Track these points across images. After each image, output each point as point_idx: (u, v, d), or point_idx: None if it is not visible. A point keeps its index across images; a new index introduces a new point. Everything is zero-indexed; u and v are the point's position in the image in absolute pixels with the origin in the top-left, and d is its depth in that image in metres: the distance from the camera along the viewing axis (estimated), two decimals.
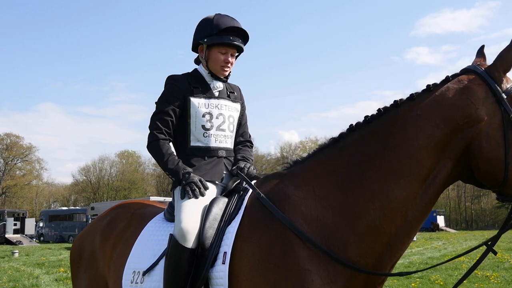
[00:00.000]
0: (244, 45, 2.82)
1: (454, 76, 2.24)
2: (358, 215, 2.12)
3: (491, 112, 2.11)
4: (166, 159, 2.62)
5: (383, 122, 2.24)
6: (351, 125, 2.33)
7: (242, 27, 2.75)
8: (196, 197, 2.49)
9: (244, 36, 2.79)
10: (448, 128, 2.12)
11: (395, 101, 2.27)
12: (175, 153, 2.70)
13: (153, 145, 2.68)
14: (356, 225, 2.12)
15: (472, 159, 2.12)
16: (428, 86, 2.24)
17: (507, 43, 2.16)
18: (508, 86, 2.15)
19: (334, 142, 2.36)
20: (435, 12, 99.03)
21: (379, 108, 2.30)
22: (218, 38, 2.70)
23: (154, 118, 2.71)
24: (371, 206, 2.12)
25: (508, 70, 2.18)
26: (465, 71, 2.25)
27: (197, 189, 2.51)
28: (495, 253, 2.18)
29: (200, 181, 2.56)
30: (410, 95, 2.25)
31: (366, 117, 2.31)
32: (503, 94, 2.12)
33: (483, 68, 2.20)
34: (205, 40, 2.73)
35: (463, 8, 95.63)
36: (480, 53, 2.35)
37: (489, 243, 2.20)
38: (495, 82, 2.14)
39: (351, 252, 2.10)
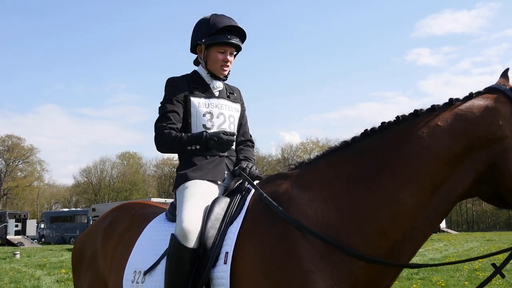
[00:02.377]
0: (242, 43, 2.83)
1: (478, 93, 2.23)
2: (367, 219, 2.11)
3: None
4: (180, 137, 2.62)
5: (400, 129, 2.21)
6: (366, 130, 2.30)
7: (239, 26, 2.76)
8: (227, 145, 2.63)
9: (241, 35, 2.80)
10: (469, 142, 2.10)
11: (415, 110, 2.23)
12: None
13: (161, 138, 2.65)
14: (364, 229, 2.10)
15: (498, 175, 2.10)
16: (450, 99, 2.22)
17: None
18: None
19: (346, 145, 2.33)
20: (436, 13, 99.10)
21: (397, 116, 2.26)
22: (216, 37, 2.71)
23: (158, 123, 2.69)
24: (380, 211, 2.10)
25: None
26: (489, 90, 2.24)
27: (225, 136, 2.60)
28: (503, 276, 2.15)
29: (224, 133, 2.62)
30: (431, 106, 2.22)
31: (382, 123, 2.27)
32: None
33: (508, 87, 2.20)
34: (203, 40, 2.74)
35: (463, 9, 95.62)
36: (504, 75, 2.34)
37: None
38: None
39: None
